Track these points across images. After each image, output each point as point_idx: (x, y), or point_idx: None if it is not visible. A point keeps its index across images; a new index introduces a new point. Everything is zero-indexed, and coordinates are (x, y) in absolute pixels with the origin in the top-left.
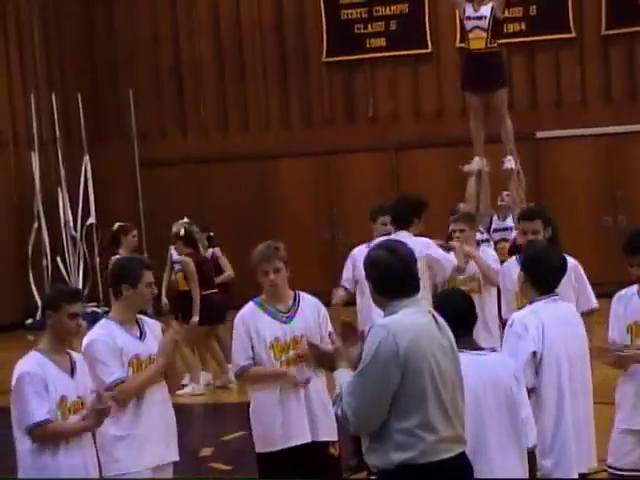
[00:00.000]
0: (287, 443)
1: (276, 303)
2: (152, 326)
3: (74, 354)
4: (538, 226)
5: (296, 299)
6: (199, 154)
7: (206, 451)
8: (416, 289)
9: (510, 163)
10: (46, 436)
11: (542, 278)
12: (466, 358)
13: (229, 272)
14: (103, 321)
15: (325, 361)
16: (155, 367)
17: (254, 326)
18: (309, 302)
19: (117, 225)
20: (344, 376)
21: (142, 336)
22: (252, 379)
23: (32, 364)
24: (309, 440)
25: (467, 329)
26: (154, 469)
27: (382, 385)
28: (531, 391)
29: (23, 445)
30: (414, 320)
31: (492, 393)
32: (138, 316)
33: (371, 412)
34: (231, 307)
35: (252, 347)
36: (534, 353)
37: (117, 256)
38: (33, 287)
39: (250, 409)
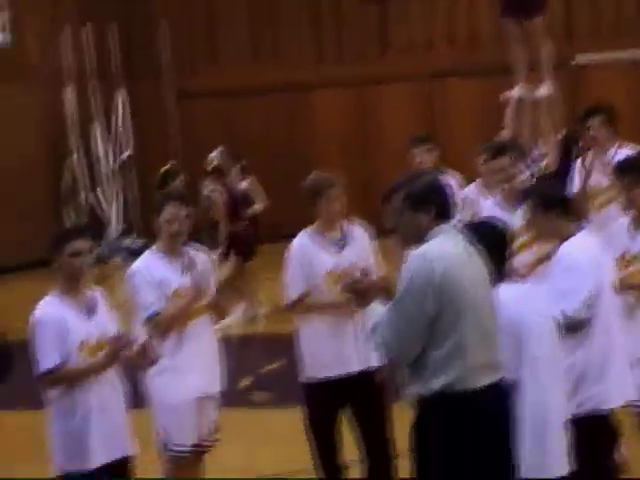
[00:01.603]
0: (338, 371)
1: (330, 232)
2: (200, 258)
3: (93, 293)
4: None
5: (347, 229)
6: (233, 87)
7: (246, 382)
8: (452, 215)
9: (545, 89)
10: (58, 381)
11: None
12: (507, 288)
13: (260, 204)
14: (146, 253)
15: (365, 294)
16: (188, 300)
17: (309, 256)
18: (359, 232)
19: (164, 168)
20: (380, 307)
21: (184, 269)
22: (309, 310)
23: (46, 310)
24: (361, 368)
25: (503, 259)
26: (196, 400)
27: (419, 312)
28: (582, 323)
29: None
30: (450, 248)
31: (536, 321)
32: (186, 248)
33: (409, 340)
34: (262, 239)
35: (307, 277)
36: (590, 286)
37: None
38: (69, 222)
39: (299, 338)
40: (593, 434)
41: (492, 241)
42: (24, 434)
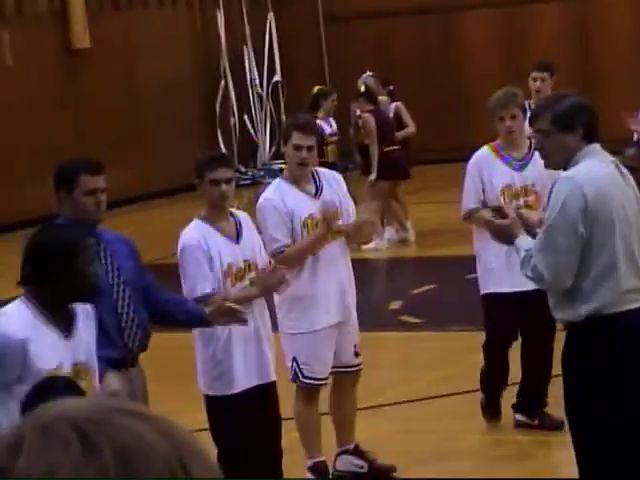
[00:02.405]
0: (508, 287)
1: (511, 150)
2: (329, 179)
3: (241, 216)
4: None
5: (530, 147)
6: (383, 7)
7: (395, 304)
8: (599, 138)
9: None
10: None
11: None
12: None
13: (411, 128)
14: (276, 181)
15: (504, 232)
16: (319, 232)
17: (487, 171)
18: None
19: (317, 89)
20: (526, 242)
21: (318, 192)
22: (477, 224)
23: (193, 236)
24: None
25: None
26: (334, 327)
27: (573, 236)
28: None
29: None
30: (599, 170)
31: None
32: (315, 169)
33: (565, 265)
34: (412, 162)
35: (483, 191)
36: None
37: (317, 120)
38: (222, 145)
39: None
40: None
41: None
42: (183, 353)
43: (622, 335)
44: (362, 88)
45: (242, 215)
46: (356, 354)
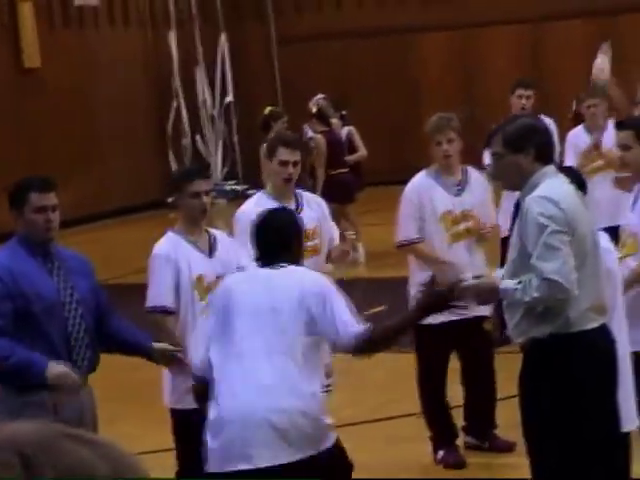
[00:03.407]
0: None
1: (448, 175)
2: (310, 200)
3: (215, 232)
4: None
5: (466, 173)
6: (335, 29)
7: None
8: (553, 158)
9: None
10: (156, 323)
11: None
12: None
13: (362, 152)
14: (257, 194)
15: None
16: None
17: (428, 197)
18: (478, 178)
19: (268, 110)
20: (508, 281)
21: (298, 209)
22: (416, 255)
23: (163, 246)
24: (472, 314)
25: None
26: None
27: (566, 243)
28: None
29: None
30: (566, 188)
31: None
32: (299, 191)
33: (572, 268)
34: (361, 187)
35: (422, 217)
36: None
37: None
38: (173, 165)
39: (410, 279)
40: None
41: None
42: (131, 375)
43: (584, 354)
44: (314, 109)
45: (219, 233)
46: (329, 373)
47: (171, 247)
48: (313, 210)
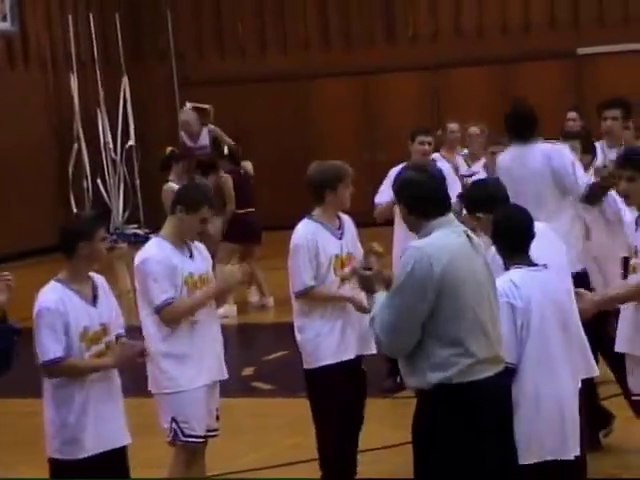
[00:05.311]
0: (340, 357)
1: (329, 221)
2: (199, 247)
3: (97, 279)
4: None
5: (339, 217)
6: (237, 74)
7: (248, 371)
8: (448, 208)
9: None
10: (62, 372)
11: None
12: (525, 274)
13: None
14: (156, 240)
15: (366, 284)
16: (211, 291)
17: (321, 242)
18: (347, 220)
19: (169, 150)
20: (381, 298)
21: (192, 256)
22: (318, 299)
23: (52, 298)
24: (356, 354)
25: (526, 245)
26: (207, 387)
27: (415, 307)
28: None
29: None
30: (449, 241)
31: (552, 307)
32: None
33: (403, 333)
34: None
35: (317, 265)
36: None
37: (170, 183)
38: (74, 209)
39: (299, 326)
40: None
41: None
42: (28, 420)
43: (471, 404)
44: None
45: (98, 278)
46: (217, 418)
47: (58, 298)
48: (204, 258)
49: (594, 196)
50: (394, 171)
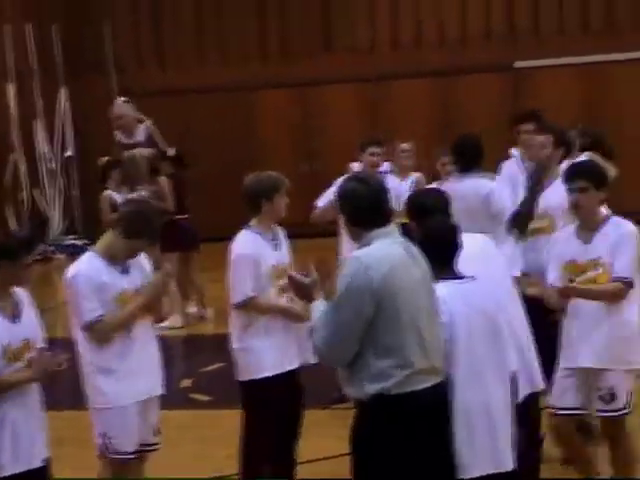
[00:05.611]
0: (280, 369)
1: (266, 231)
2: (139, 259)
3: (20, 295)
4: None
5: (275, 230)
6: (178, 86)
7: (186, 382)
8: (388, 220)
9: None
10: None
11: None
12: (450, 287)
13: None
14: (88, 254)
15: (303, 293)
16: (137, 304)
17: (262, 253)
18: (281, 232)
19: (105, 160)
20: (320, 308)
21: (126, 271)
22: (258, 310)
23: None
24: (298, 365)
25: (451, 257)
26: (141, 402)
27: (354, 317)
28: None
29: None
30: (388, 251)
31: (481, 320)
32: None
33: (341, 344)
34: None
35: (257, 275)
36: None
37: (108, 191)
38: (11, 220)
39: (237, 337)
40: None
41: (442, 238)
42: None
43: (409, 415)
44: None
45: (21, 293)
46: (159, 431)
47: None
48: (142, 269)
49: (520, 224)
50: (340, 180)
